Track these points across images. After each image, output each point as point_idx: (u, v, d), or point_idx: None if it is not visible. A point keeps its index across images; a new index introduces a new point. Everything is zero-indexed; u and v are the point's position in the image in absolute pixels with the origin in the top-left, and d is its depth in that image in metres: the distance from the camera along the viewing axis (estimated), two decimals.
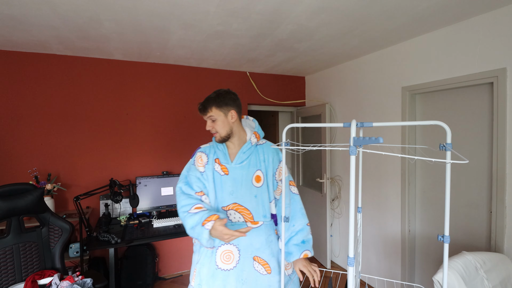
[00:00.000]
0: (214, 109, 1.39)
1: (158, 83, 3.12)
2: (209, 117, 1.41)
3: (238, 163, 1.43)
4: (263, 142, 1.50)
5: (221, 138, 1.42)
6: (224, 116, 1.40)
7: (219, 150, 1.47)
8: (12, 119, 2.59)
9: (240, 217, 1.41)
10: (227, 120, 1.41)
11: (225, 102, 1.39)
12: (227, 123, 1.41)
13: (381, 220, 2.79)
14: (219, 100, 1.39)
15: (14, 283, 1.68)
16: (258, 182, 1.43)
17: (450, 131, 1.02)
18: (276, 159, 1.47)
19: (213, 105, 1.39)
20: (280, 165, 1.47)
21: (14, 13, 1.83)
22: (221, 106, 1.39)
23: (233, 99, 1.42)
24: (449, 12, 1.90)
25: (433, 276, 1.44)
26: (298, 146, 4.05)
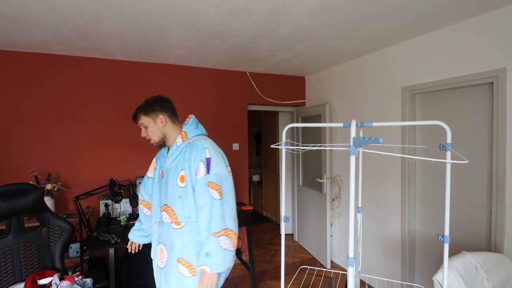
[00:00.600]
0: (143, 117, 1.46)
1: (158, 83, 3.12)
2: (140, 124, 1.48)
3: (168, 165, 1.47)
4: (192, 140, 1.43)
5: (155, 143, 1.50)
6: (153, 122, 1.46)
7: (161, 155, 1.58)
8: (12, 119, 2.59)
9: (168, 218, 1.43)
10: (157, 126, 1.46)
11: (151, 109, 1.45)
12: (157, 128, 1.47)
13: (381, 220, 2.79)
14: (146, 107, 1.46)
15: (14, 283, 1.68)
16: (182, 182, 1.39)
17: (450, 131, 1.02)
18: (197, 157, 1.36)
19: (140, 113, 1.46)
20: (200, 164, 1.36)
21: (14, 13, 1.83)
22: (148, 113, 1.45)
23: (161, 104, 1.47)
24: (449, 12, 1.91)
25: (433, 276, 1.44)
26: (298, 146, 4.05)
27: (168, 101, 1.50)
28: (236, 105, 3.52)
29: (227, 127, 3.48)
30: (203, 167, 1.34)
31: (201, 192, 1.33)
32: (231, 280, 3.07)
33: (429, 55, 2.28)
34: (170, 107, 1.50)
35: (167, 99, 1.50)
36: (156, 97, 1.48)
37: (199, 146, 1.37)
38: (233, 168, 3.52)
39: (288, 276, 3.14)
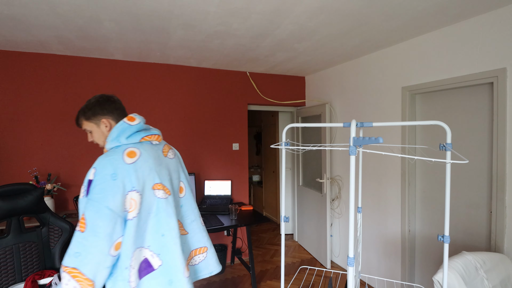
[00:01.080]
0: (85, 122, 1.30)
1: (158, 83, 3.12)
2: (84, 129, 1.33)
3: None
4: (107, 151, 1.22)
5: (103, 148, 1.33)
6: (96, 126, 1.29)
7: None
8: (12, 119, 2.59)
9: None
10: (100, 130, 1.29)
11: (93, 113, 1.28)
12: (101, 134, 1.30)
13: (381, 220, 2.79)
14: (87, 110, 1.29)
15: (14, 283, 1.68)
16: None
17: (450, 131, 1.02)
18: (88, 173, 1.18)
19: (82, 118, 1.30)
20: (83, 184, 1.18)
21: (14, 13, 1.83)
22: (90, 118, 1.28)
23: (103, 106, 1.28)
24: (449, 12, 1.91)
25: (433, 276, 1.44)
26: (298, 146, 4.05)
27: (113, 101, 1.31)
28: (236, 105, 3.52)
29: (227, 127, 3.47)
30: (83, 189, 1.13)
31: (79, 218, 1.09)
32: (231, 280, 3.07)
33: (429, 55, 2.28)
34: (116, 108, 1.30)
35: (111, 99, 1.31)
36: (98, 99, 1.29)
37: (97, 161, 1.14)
38: (233, 168, 3.52)
39: (288, 276, 3.14)
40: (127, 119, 1.26)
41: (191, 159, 3.29)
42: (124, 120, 1.24)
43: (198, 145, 3.32)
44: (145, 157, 1.21)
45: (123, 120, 1.24)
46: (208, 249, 1.44)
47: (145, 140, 1.27)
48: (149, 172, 1.19)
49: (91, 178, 1.11)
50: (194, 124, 3.30)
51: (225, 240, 3.48)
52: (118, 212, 1.08)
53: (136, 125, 1.26)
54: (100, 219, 1.05)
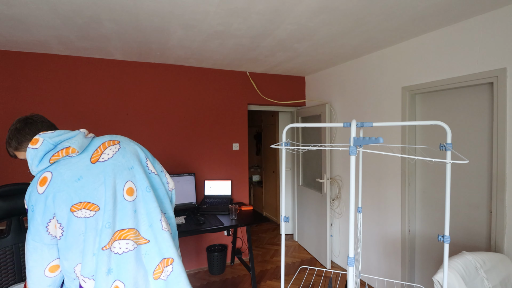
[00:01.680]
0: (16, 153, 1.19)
1: (158, 83, 3.12)
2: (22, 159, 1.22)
3: None
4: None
5: None
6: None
7: None
8: (12, 119, 2.59)
9: None
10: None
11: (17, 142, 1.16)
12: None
13: (381, 220, 2.79)
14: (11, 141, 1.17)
15: (14, 283, 1.68)
16: None
17: (450, 131, 1.02)
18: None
19: (11, 150, 1.18)
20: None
21: (14, 13, 1.83)
22: (18, 148, 1.17)
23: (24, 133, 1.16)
24: (449, 12, 1.91)
25: (433, 276, 1.44)
26: (298, 146, 4.05)
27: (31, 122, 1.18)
28: (236, 105, 3.52)
29: (227, 127, 3.48)
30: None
31: None
32: (231, 280, 3.07)
33: (429, 55, 2.29)
34: (38, 129, 1.18)
35: (29, 121, 1.18)
36: (16, 125, 1.17)
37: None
38: (233, 168, 3.52)
39: (288, 276, 3.14)
40: (30, 143, 1.10)
41: (191, 159, 3.29)
42: (29, 146, 1.10)
43: (198, 145, 3.32)
44: (57, 179, 1.08)
45: (28, 147, 1.10)
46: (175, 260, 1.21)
47: (57, 159, 1.10)
48: (63, 195, 1.07)
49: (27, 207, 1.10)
50: (194, 124, 3.30)
51: (225, 240, 3.48)
52: (43, 242, 1.08)
53: (40, 147, 1.09)
54: (28, 250, 1.09)
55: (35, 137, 1.11)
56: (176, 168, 3.22)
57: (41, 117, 1.23)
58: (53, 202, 1.07)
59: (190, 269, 3.28)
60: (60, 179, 1.08)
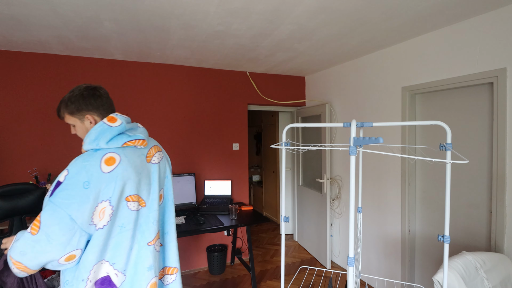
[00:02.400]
0: (67, 116, 1.17)
1: (158, 83, 3.12)
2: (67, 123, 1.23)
3: None
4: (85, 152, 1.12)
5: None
6: (80, 122, 1.17)
7: None
8: (12, 119, 2.59)
9: None
10: (84, 126, 1.18)
11: (76, 107, 1.15)
12: (85, 130, 1.18)
13: (381, 220, 2.79)
14: (70, 104, 1.15)
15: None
16: None
17: (450, 131, 1.02)
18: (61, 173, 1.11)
19: (64, 112, 1.17)
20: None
21: (14, 13, 1.83)
22: (73, 113, 1.16)
23: (88, 101, 1.15)
24: (449, 12, 1.91)
25: (433, 276, 1.44)
26: (298, 146, 4.05)
27: (99, 95, 1.18)
28: (236, 105, 3.52)
29: (227, 127, 3.48)
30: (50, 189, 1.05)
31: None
32: (231, 280, 3.07)
33: (429, 55, 2.29)
34: (102, 104, 1.18)
35: (96, 93, 1.17)
36: (82, 91, 1.15)
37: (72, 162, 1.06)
38: (233, 168, 3.52)
39: (288, 276, 3.14)
40: (107, 119, 1.12)
41: (191, 159, 3.29)
42: (104, 121, 1.11)
43: (198, 145, 3.32)
44: (125, 165, 1.08)
45: (102, 121, 1.11)
46: (178, 271, 1.29)
47: (129, 145, 1.13)
48: (126, 182, 1.07)
49: (61, 181, 1.01)
50: (194, 124, 3.30)
51: (225, 240, 3.48)
52: (80, 224, 0.98)
53: (118, 126, 1.11)
54: (58, 226, 0.96)
55: (113, 115, 1.14)
56: (176, 168, 3.22)
57: (107, 93, 1.23)
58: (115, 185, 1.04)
59: (190, 269, 3.28)
60: (129, 166, 1.09)
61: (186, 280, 3.08)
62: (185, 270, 3.26)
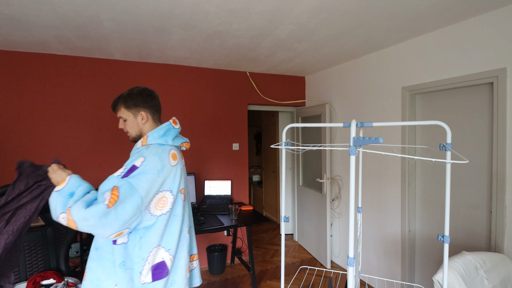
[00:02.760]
0: (123, 109, 1.33)
1: (158, 83, 3.12)
2: (119, 117, 1.36)
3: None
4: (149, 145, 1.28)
5: (132, 138, 1.37)
6: (133, 117, 1.33)
7: None
8: (12, 119, 2.59)
9: None
10: (136, 121, 1.34)
11: (134, 103, 1.32)
12: (136, 124, 1.34)
13: (381, 220, 2.79)
14: (129, 99, 1.32)
15: (19, 282, 1.69)
16: None
17: (450, 131, 1.02)
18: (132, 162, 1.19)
19: (121, 105, 1.33)
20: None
21: (14, 13, 1.83)
22: (130, 107, 1.32)
23: (145, 100, 1.34)
24: (449, 12, 1.91)
25: (433, 276, 1.44)
26: (298, 146, 4.05)
27: (154, 97, 1.38)
28: (236, 105, 3.52)
29: (227, 127, 3.48)
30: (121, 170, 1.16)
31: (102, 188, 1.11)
32: (231, 280, 3.07)
33: (429, 55, 2.29)
34: (155, 104, 1.37)
35: (153, 95, 1.38)
36: (141, 91, 1.34)
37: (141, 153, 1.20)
38: (233, 168, 3.52)
39: (288, 276, 3.14)
40: (172, 121, 1.36)
41: (191, 159, 3.30)
42: (170, 122, 1.35)
43: (198, 145, 3.32)
44: (180, 161, 1.33)
45: (169, 122, 1.35)
46: (197, 257, 1.53)
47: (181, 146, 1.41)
48: (181, 177, 1.31)
49: (137, 165, 1.15)
50: (194, 124, 3.30)
51: (225, 240, 3.48)
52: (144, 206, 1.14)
53: (177, 129, 1.38)
54: (130, 204, 1.08)
55: (174, 119, 1.39)
56: None
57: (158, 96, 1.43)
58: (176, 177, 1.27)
59: None
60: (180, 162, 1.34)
61: None
62: None
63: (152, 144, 1.27)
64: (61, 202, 1.07)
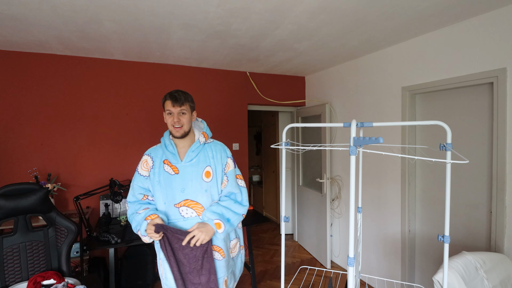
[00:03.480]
0: (187, 104, 1.50)
1: (158, 83, 3.12)
2: (181, 110, 1.48)
3: (188, 161, 1.52)
4: (210, 141, 1.62)
5: (184, 133, 1.50)
6: (190, 113, 1.53)
7: (168, 152, 1.54)
8: (12, 119, 2.59)
9: (192, 212, 1.51)
10: (191, 118, 1.54)
11: (193, 102, 1.56)
12: (190, 120, 1.54)
13: (381, 220, 2.79)
14: (191, 98, 1.55)
15: (21, 281, 1.69)
16: (208, 177, 1.52)
17: (450, 131, 1.02)
18: (224, 155, 1.58)
19: (187, 101, 1.51)
20: (228, 160, 1.60)
21: (14, 13, 1.83)
22: (192, 107, 1.55)
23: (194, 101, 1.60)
24: (449, 12, 1.91)
25: (433, 276, 1.44)
26: (298, 146, 4.05)
27: None
28: (236, 105, 3.52)
29: (227, 127, 3.47)
30: (231, 162, 1.59)
31: (233, 183, 1.56)
32: None
33: (429, 55, 2.28)
34: None
35: None
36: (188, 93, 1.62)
37: (221, 145, 1.61)
38: None
39: (288, 276, 3.14)
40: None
41: None
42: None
43: None
44: None
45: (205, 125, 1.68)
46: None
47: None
48: None
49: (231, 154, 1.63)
50: None
51: None
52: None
53: None
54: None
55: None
56: None
57: None
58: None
59: None
60: None
61: None
62: None
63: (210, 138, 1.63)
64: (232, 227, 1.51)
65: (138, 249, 2.79)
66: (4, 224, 2.27)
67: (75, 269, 2.61)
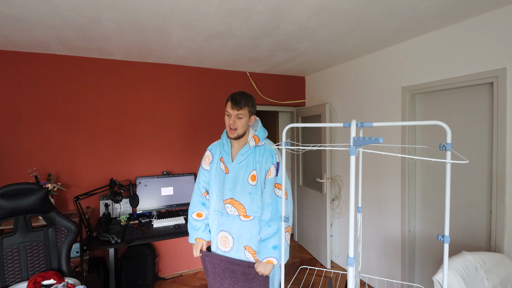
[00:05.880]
0: (246, 109, 1.54)
1: (158, 83, 3.12)
2: (239, 114, 1.52)
3: (237, 163, 1.57)
4: (262, 143, 1.61)
5: (237, 135, 1.56)
6: (248, 118, 1.56)
7: (224, 151, 1.63)
8: (12, 119, 2.59)
9: (235, 211, 1.56)
10: (247, 122, 1.57)
11: (253, 107, 1.59)
12: (246, 125, 1.57)
13: (381, 220, 2.79)
14: (252, 103, 1.57)
15: (21, 281, 1.69)
16: (253, 181, 1.56)
17: (450, 131, 1.02)
18: (269, 160, 1.55)
19: (247, 105, 1.54)
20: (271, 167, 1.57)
21: (14, 13, 1.83)
22: (251, 111, 1.57)
23: (255, 105, 1.61)
24: (449, 12, 1.91)
25: (433, 276, 1.44)
26: (298, 146, 4.05)
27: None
28: None
29: None
30: (273, 169, 1.54)
31: (269, 192, 1.52)
32: None
33: (429, 55, 2.28)
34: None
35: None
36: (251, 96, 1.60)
37: (270, 150, 1.56)
38: None
39: (288, 276, 3.14)
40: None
41: (191, 159, 3.29)
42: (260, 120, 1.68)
43: (198, 145, 3.32)
44: None
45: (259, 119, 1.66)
46: None
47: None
48: None
49: (278, 161, 1.54)
50: (194, 124, 3.30)
51: None
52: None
53: None
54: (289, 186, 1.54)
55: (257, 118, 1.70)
56: (176, 168, 3.22)
57: None
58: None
59: (190, 269, 3.28)
60: None
61: (186, 280, 3.08)
62: (185, 270, 3.26)
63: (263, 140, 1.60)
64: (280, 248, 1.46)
65: (138, 249, 2.79)
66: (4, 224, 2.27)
67: (75, 269, 2.61)
